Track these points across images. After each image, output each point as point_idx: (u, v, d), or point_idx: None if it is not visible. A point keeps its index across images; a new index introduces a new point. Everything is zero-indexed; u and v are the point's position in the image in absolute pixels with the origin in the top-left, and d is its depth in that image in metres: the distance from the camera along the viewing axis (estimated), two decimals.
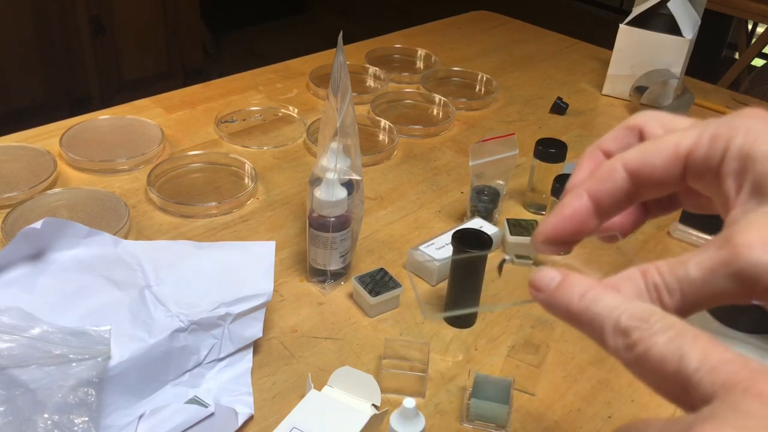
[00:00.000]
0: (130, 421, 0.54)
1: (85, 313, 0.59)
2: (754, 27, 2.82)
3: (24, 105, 2.36)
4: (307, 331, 0.68)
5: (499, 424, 0.59)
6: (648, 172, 0.30)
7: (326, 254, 0.71)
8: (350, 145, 0.69)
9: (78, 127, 0.98)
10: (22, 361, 0.52)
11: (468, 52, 1.38)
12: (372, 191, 0.91)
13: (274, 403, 0.60)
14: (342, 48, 0.66)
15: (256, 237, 0.81)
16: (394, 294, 0.70)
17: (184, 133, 1.01)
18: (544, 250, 0.36)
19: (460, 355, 0.67)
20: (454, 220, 0.86)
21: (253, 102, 1.11)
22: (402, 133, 1.05)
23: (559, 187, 0.77)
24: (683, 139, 0.29)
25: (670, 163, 0.29)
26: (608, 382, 0.65)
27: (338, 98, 0.65)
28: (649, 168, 0.30)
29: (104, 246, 0.68)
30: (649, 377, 0.25)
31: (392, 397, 0.61)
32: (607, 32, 1.34)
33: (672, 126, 0.32)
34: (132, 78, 2.62)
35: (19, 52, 2.30)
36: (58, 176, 0.88)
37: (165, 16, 2.63)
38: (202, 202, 0.85)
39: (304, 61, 1.27)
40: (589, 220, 0.34)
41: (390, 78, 1.21)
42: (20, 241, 0.63)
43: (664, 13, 1.15)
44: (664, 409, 0.62)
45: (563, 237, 0.35)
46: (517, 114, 1.15)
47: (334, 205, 0.68)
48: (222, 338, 0.62)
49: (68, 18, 2.37)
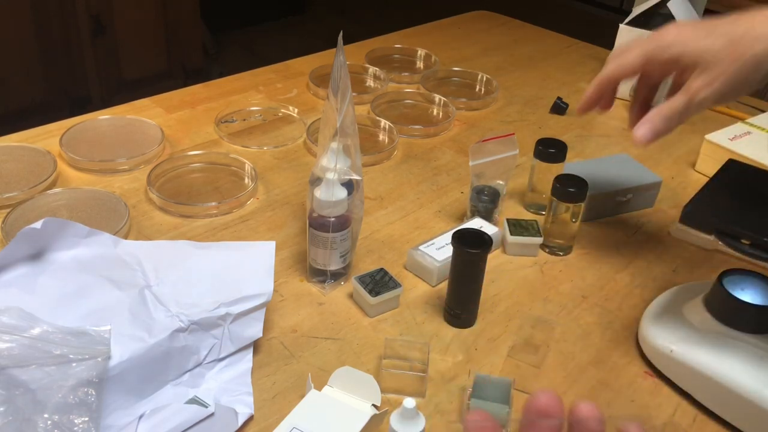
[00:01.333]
0: (130, 421, 0.54)
1: (85, 313, 0.60)
2: None
3: (24, 105, 2.36)
4: (307, 331, 0.68)
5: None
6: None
7: (326, 254, 0.71)
8: (350, 145, 0.69)
9: (78, 127, 0.98)
10: (22, 361, 0.52)
11: (468, 52, 1.38)
12: (372, 191, 0.91)
13: (274, 403, 0.60)
14: (342, 48, 0.66)
15: (256, 237, 0.81)
16: (394, 294, 0.70)
17: (184, 133, 1.01)
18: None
19: (460, 355, 0.67)
20: (454, 220, 0.86)
21: (253, 102, 1.11)
22: (402, 133, 1.05)
23: (559, 187, 0.77)
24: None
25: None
26: (608, 382, 0.65)
27: (338, 98, 0.65)
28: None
29: (104, 246, 0.68)
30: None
31: (392, 397, 0.61)
32: (607, 32, 1.34)
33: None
34: (132, 78, 2.62)
35: (19, 52, 2.30)
36: (58, 176, 0.88)
37: (165, 16, 2.63)
38: (202, 202, 0.85)
39: (304, 61, 1.27)
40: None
41: (390, 78, 1.21)
42: (20, 241, 0.63)
43: (664, 13, 1.15)
44: (664, 410, 0.63)
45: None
46: (517, 114, 1.15)
47: (334, 205, 0.68)
48: (222, 338, 0.62)
49: (68, 18, 2.37)
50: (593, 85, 0.69)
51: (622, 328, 0.71)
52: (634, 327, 0.71)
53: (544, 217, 0.81)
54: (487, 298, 0.74)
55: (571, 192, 0.77)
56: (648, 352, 0.67)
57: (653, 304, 0.70)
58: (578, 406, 0.36)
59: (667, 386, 0.65)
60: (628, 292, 0.76)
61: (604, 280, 0.78)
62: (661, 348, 0.64)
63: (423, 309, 0.72)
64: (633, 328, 0.71)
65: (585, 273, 0.79)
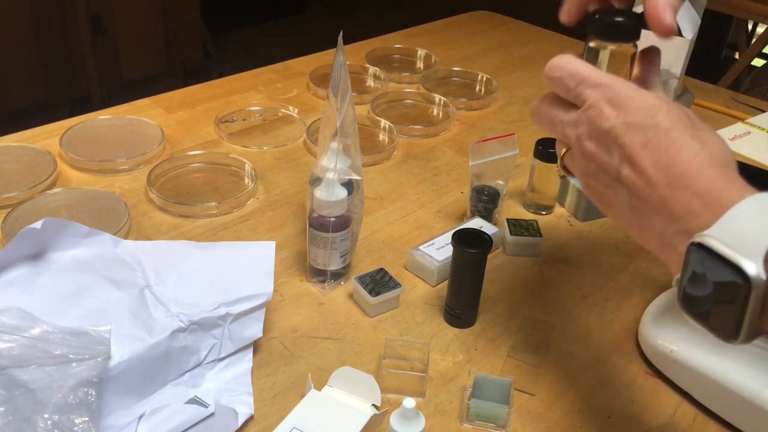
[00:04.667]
0: (130, 421, 0.54)
1: (85, 313, 0.60)
2: (754, 27, 2.81)
3: (24, 105, 2.36)
4: (307, 331, 0.68)
5: (499, 424, 0.59)
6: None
7: (326, 254, 0.71)
8: (350, 145, 0.69)
9: (78, 127, 0.98)
10: (22, 361, 0.52)
11: (468, 52, 1.38)
12: (372, 191, 0.91)
13: (274, 403, 0.60)
14: (342, 48, 0.66)
15: (256, 237, 0.81)
16: (394, 294, 0.70)
17: (184, 133, 1.01)
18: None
19: (460, 355, 0.67)
20: (454, 220, 0.86)
21: (253, 102, 1.11)
22: (402, 133, 1.05)
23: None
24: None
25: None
26: (608, 382, 0.65)
27: (338, 98, 0.65)
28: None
29: (104, 246, 0.68)
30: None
31: (392, 397, 0.61)
32: None
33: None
34: (132, 78, 2.62)
35: (19, 52, 2.30)
36: (58, 176, 0.88)
37: (165, 16, 2.63)
38: (202, 202, 0.85)
39: (304, 61, 1.27)
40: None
41: (390, 78, 1.21)
42: (20, 241, 0.63)
43: None
44: (664, 410, 0.63)
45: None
46: (517, 114, 1.15)
47: (334, 205, 0.68)
48: (222, 338, 0.62)
49: (68, 18, 2.37)
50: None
51: (622, 328, 0.71)
52: (634, 327, 0.71)
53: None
54: (487, 298, 0.74)
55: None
56: (648, 352, 0.67)
57: (653, 304, 0.70)
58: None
59: (667, 386, 0.65)
60: (628, 292, 0.76)
61: (604, 280, 0.78)
62: (661, 348, 0.64)
63: (423, 309, 0.72)
64: (633, 328, 0.71)
65: (585, 273, 0.79)
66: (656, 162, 0.44)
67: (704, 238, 0.40)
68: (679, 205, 0.43)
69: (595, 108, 0.48)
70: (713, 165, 0.43)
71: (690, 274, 0.42)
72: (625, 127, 0.46)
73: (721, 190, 0.42)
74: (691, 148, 0.44)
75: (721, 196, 0.42)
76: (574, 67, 0.51)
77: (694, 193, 0.43)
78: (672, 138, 0.45)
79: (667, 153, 0.44)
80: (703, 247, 0.40)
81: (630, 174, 0.46)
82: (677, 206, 0.43)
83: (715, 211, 0.41)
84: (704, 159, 0.44)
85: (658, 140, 0.45)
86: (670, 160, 0.44)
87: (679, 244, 0.44)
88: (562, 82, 0.51)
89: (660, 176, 0.44)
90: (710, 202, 0.42)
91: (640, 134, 0.45)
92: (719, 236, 0.40)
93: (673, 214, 0.44)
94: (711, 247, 0.40)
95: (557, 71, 0.51)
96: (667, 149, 0.44)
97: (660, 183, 0.44)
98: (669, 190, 0.44)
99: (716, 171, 0.43)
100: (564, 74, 0.51)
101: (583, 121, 0.49)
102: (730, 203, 0.41)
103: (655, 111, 0.46)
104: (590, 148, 0.49)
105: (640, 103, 0.47)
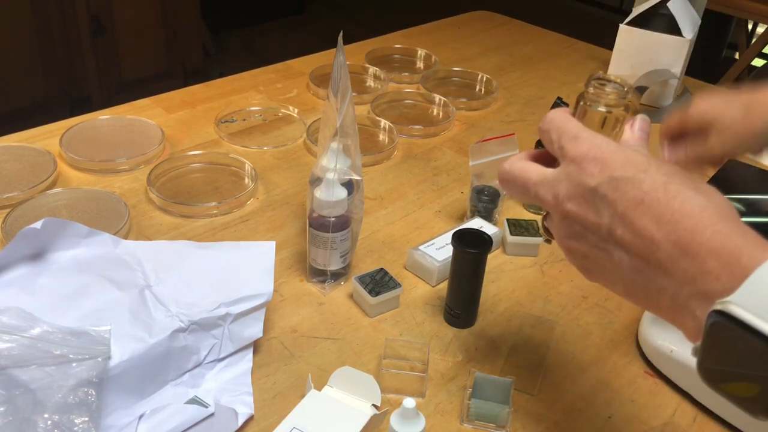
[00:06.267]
0: (130, 421, 0.54)
1: (85, 313, 0.60)
2: (754, 27, 2.82)
3: (24, 105, 2.36)
4: (307, 331, 0.68)
5: (499, 424, 0.59)
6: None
7: (326, 254, 0.71)
8: (350, 145, 0.69)
9: (78, 127, 0.98)
10: (22, 361, 0.52)
11: (468, 52, 1.38)
12: (372, 191, 0.91)
13: (274, 403, 0.60)
14: (342, 48, 0.66)
15: (256, 237, 0.81)
16: (394, 294, 0.70)
17: (184, 133, 1.01)
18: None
19: (460, 355, 0.67)
20: (454, 220, 0.87)
21: (253, 102, 1.11)
22: (402, 133, 1.05)
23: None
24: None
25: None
26: (608, 382, 0.65)
27: (338, 98, 0.65)
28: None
29: (104, 246, 0.68)
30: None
31: (392, 397, 0.61)
32: (607, 32, 1.34)
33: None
34: (132, 78, 2.62)
35: (19, 52, 2.30)
36: (58, 176, 0.88)
37: (165, 16, 2.63)
38: (202, 202, 0.85)
39: (304, 61, 1.27)
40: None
41: (390, 78, 1.21)
42: (20, 241, 0.63)
43: (664, 13, 1.15)
44: (664, 409, 0.63)
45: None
46: (517, 114, 1.15)
47: (334, 205, 0.68)
48: (222, 338, 0.62)
49: (68, 18, 2.37)
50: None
51: (622, 328, 0.71)
52: (634, 327, 0.71)
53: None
54: (487, 298, 0.74)
55: None
56: (648, 352, 0.67)
57: None
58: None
59: (667, 386, 0.65)
60: None
61: None
62: (661, 348, 0.64)
63: (423, 309, 0.72)
64: (633, 328, 0.71)
65: None
66: (657, 218, 0.40)
67: (727, 306, 0.36)
68: (692, 265, 0.38)
69: (575, 164, 0.44)
70: (724, 219, 0.39)
71: (712, 343, 0.37)
72: (613, 183, 0.42)
73: (740, 249, 0.37)
74: (697, 201, 0.40)
75: (741, 255, 0.37)
76: (560, 120, 0.47)
77: (709, 251, 0.38)
78: (671, 191, 0.40)
79: (669, 207, 0.40)
80: (726, 314, 0.36)
81: (626, 234, 0.41)
82: (690, 266, 0.39)
83: (735, 272, 0.37)
84: (713, 213, 0.39)
85: (656, 194, 0.40)
86: (674, 215, 0.39)
87: (696, 307, 0.39)
88: (548, 135, 0.48)
89: (664, 233, 0.39)
90: (728, 262, 0.37)
91: (632, 189, 0.41)
92: (744, 303, 0.35)
93: (686, 275, 0.39)
94: (736, 315, 0.35)
95: (546, 124, 0.48)
96: (668, 203, 0.40)
97: (665, 241, 0.39)
98: (677, 248, 0.39)
99: (728, 226, 0.39)
100: (552, 127, 0.47)
101: (562, 178, 0.45)
102: (750, 264, 0.36)
103: (644, 166, 0.42)
104: (572, 209, 0.44)
105: (625, 159, 0.43)
